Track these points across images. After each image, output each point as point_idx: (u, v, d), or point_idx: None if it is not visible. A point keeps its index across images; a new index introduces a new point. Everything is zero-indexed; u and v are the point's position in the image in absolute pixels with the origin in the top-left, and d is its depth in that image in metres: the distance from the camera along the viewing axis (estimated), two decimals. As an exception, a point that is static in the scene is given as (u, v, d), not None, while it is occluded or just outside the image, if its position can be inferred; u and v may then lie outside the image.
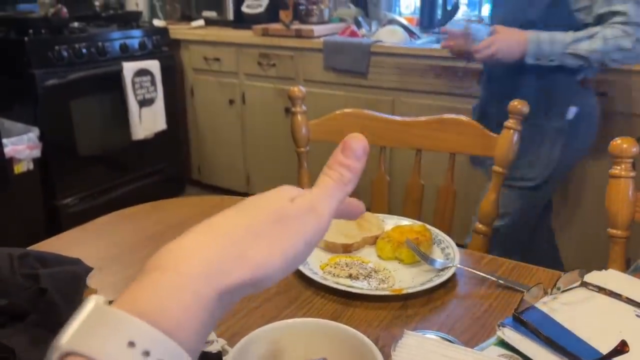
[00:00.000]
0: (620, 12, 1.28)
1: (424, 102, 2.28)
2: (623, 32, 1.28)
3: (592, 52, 1.30)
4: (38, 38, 2.28)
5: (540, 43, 1.30)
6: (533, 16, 1.37)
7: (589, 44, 1.29)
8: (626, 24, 1.28)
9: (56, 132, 2.38)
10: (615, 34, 1.28)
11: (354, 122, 1.33)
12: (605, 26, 1.30)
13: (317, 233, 0.32)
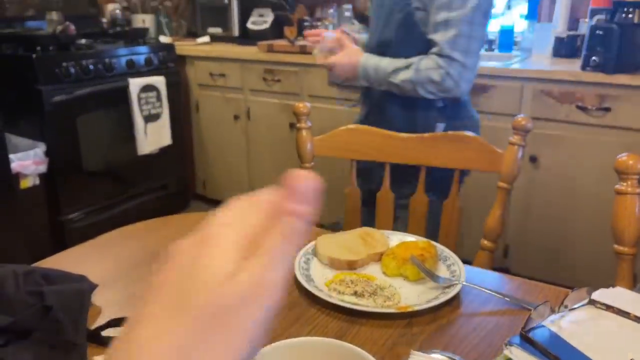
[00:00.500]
0: (435, 42, 1.29)
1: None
2: (435, 64, 1.28)
3: (404, 81, 1.32)
4: (46, 55, 2.30)
5: (367, 69, 1.37)
6: (389, 36, 1.39)
7: (403, 74, 1.32)
8: (439, 55, 1.28)
9: (62, 147, 2.40)
10: (428, 65, 1.29)
11: (358, 138, 1.33)
12: (424, 57, 1.30)
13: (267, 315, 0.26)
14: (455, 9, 1.25)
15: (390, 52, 1.38)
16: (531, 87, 2.04)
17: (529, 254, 2.22)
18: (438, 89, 1.31)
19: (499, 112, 2.12)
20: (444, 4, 1.25)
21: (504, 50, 2.51)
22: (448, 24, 1.26)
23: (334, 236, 0.93)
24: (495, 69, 2.10)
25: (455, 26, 1.25)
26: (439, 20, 1.27)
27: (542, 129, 2.04)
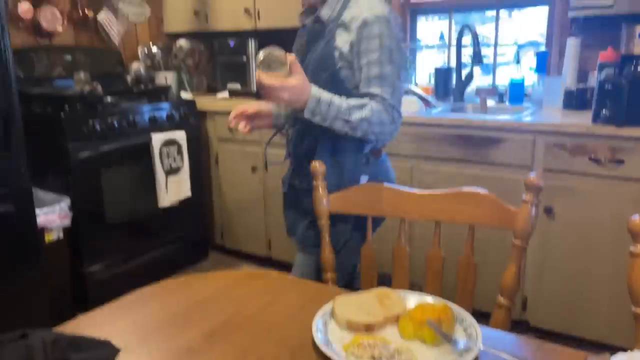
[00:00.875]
0: (377, 96, 1.32)
1: (441, 169, 2.32)
2: (384, 107, 1.32)
3: (362, 120, 1.31)
4: (74, 113, 2.42)
5: (320, 102, 1.29)
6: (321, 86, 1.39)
7: (360, 112, 1.31)
8: (382, 102, 1.32)
9: (86, 201, 2.48)
10: (379, 107, 1.32)
11: (374, 195, 1.36)
12: (372, 100, 1.33)
13: None
14: (386, 64, 1.31)
15: None
16: (543, 140, 2.07)
17: (548, 306, 2.19)
18: (383, 131, 1.35)
19: (511, 164, 2.15)
20: (375, 60, 1.31)
21: (514, 103, 2.57)
22: (383, 77, 1.31)
23: (351, 297, 0.95)
24: (507, 122, 2.15)
25: (389, 79, 1.32)
26: (372, 75, 1.32)
27: (556, 180, 2.06)
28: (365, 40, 1.30)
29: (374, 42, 1.30)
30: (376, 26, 1.30)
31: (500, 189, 2.16)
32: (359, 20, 1.30)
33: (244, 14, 3.12)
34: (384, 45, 1.30)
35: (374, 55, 1.30)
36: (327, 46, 1.35)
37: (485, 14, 2.96)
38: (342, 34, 1.33)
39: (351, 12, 1.33)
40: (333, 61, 1.34)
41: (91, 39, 3.22)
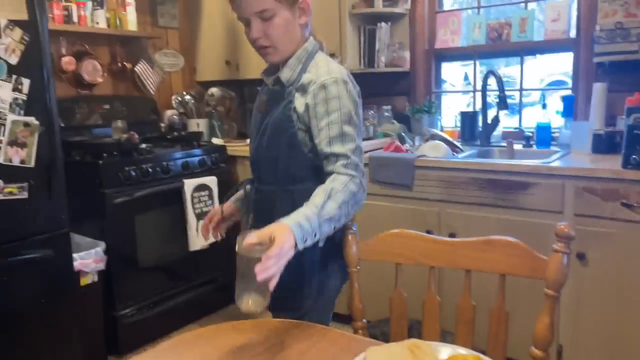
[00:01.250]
0: (341, 155, 1.27)
1: (469, 214, 2.32)
2: (347, 177, 1.26)
3: (340, 206, 1.22)
4: (110, 161, 2.52)
5: (301, 226, 1.13)
6: (276, 154, 1.37)
7: (332, 202, 1.21)
8: (346, 166, 1.26)
9: (120, 245, 2.55)
10: (343, 181, 1.25)
11: (403, 243, 1.38)
12: (331, 178, 1.26)
13: None
14: (345, 124, 1.28)
15: (280, 166, 1.38)
16: (573, 184, 2.06)
17: (584, 354, 2.12)
18: (361, 198, 1.30)
19: (541, 209, 2.13)
20: (335, 120, 1.28)
21: (541, 146, 2.57)
22: (344, 135, 1.28)
23: (383, 347, 0.96)
24: (535, 166, 2.14)
25: (351, 137, 1.29)
26: (333, 134, 1.28)
27: (588, 225, 2.04)
28: (323, 102, 1.29)
29: (332, 104, 1.28)
30: (334, 88, 1.29)
31: (530, 233, 2.14)
32: (317, 83, 1.30)
33: (273, 63, 3.23)
34: (343, 106, 1.28)
35: (334, 116, 1.28)
36: (286, 109, 1.34)
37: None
38: (299, 97, 1.33)
39: (310, 75, 1.33)
40: (291, 124, 1.33)
41: (128, 89, 3.38)
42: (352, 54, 2.99)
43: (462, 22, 2.97)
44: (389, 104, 3.19)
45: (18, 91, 2.07)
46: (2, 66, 2.02)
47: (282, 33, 1.31)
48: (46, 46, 2.14)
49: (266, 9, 1.28)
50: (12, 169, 2.06)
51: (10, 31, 2.03)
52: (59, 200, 2.20)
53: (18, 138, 2.07)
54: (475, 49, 2.93)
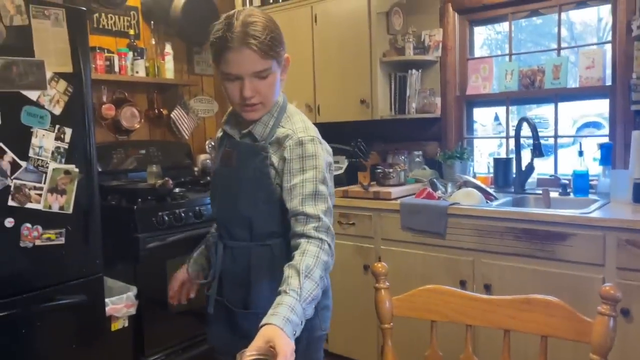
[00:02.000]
0: (313, 216, 1.22)
1: (505, 264, 2.25)
2: (319, 241, 1.20)
3: (317, 286, 1.15)
4: (145, 206, 2.57)
5: (290, 320, 1.08)
6: (248, 214, 1.33)
7: (310, 282, 1.14)
8: (318, 229, 1.21)
9: (151, 290, 2.56)
10: (315, 253, 1.18)
11: (438, 299, 1.34)
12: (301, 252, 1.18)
13: None
14: (320, 184, 1.26)
15: (257, 224, 1.34)
16: (615, 236, 1.99)
17: (635, 420, 1.98)
18: (328, 268, 1.24)
19: (581, 261, 2.05)
20: (309, 179, 1.25)
21: (579, 195, 2.50)
22: (317, 195, 1.24)
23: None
24: (574, 216, 2.08)
25: (324, 197, 1.26)
26: (307, 192, 1.24)
27: (632, 280, 1.95)
28: (298, 159, 1.27)
29: (308, 162, 1.27)
30: (310, 146, 1.27)
31: (569, 286, 2.06)
32: (293, 138, 1.28)
33: (305, 109, 3.29)
34: (318, 165, 1.27)
35: (309, 174, 1.25)
36: (262, 164, 1.31)
37: (543, 106, 2.97)
38: (274, 152, 1.31)
39: (284, 130, 1.31)
40: (269, 180, 1.31)
41: (164, 134, 3.48)
42: (382, 101, 3.01)
43: (493, 69, 2.97)
44: (420, 149, 3.18)
45: (60, 140, 2.15)
46: (47, 116, 2.10)
47: (272, 91, 1.31)
48: (88, 97, 2.24)
49: (264, 69, 1.26)
50: (51, 215, 2.11)
51: (56, 83, 2.13)
52: (95, 245, 2.24)
53: (58, 185, 2.13)
54: (507, 95, 2.91)
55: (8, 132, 2.00)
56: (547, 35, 3.31)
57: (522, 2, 2.83)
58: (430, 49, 3.06)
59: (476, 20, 3.07)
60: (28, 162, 2.06)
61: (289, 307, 1.09)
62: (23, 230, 2.04)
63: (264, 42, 1.23)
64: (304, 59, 3.25)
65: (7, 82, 1.99)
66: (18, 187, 2.03)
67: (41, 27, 2.08)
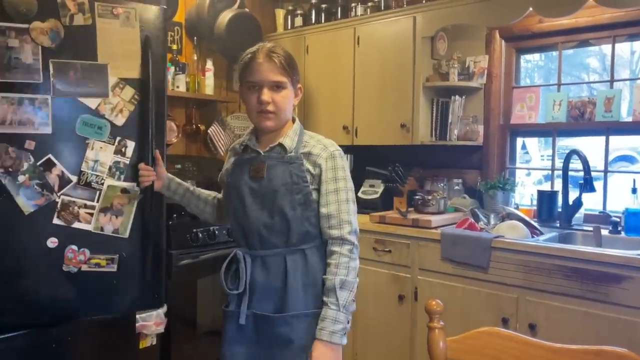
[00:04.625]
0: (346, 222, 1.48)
1: (552, 304, 2.14)
2: (350, 248, 1.48)
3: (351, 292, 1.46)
4: (180, 222, 2.54)
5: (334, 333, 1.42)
6: (287, 216, 1.48)
7: (345, 292, 1.44)
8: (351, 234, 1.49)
9: (181, 308, 2.51)
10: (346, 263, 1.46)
11: (497, 343, 1.25)
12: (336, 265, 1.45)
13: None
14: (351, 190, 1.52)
15: (294, 226, 1.49)
16: (676, 281, 1.87)
17: None
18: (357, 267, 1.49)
19: (637, 306, 1.93)
20: (342, 187, 1.49)
21: (631, 234, 2.38)
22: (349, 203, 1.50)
23: None
24: (630, 258, 1.96)
25: (354, 207, 1.52)
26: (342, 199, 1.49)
27: (695, 330, 1.82)
28: (332, 170, 1.49)
29: (339, 172, 1.50)
30: (340, 160, 1.51)
31: (624, 333, 1.94)
32: (326, 151, 1.51)
33: (342, 131, 3.25)
34: (347, 177, 1.51)
35: (341, 184, 1.49)
36: (298, 170, 1.49)
37: (591, 138, 2.87)
38: (308, 160, 1.51)
39: (312, 144, 1.53)
40: (306, 183, 1.49)
41: (199, 149, 3.47)
42: (423, 126, 2.95)
43: (540, 99, 2.89)
44: (460, 177, 3.09)
45: (121, 154, 1.94)
46: (106, 127, 1.91)
47: (285, 104, 1.51)
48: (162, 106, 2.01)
49: (281, 81, 1.49)
50: (102, 238, 1.91)
51: (120, 90, 1.93)
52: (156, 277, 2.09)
53: (114, 205, 1.92)
54: (554, 126, 2.82)
55: (60, 143, 1.84)
56: (578, 66, 3.24)
57: (574, 32, 2.75)
58: (475, 75, 2.99)
59: (523, 48, 3.00)
60: (80, 177, 1.88)
61: (334, 319, 1.42)
62: (67, 253, 1.86)
63: (283, 60, 1.48)
64: (344, 81, 3.22)
65: (63, 88, 1.83)
66: (66, 203, 1.85)
67: (108, 27, 1.88)
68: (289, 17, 3.64)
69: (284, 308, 1.47)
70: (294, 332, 1.47)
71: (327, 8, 3.48)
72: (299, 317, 1.47)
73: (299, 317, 1.47)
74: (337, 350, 1.44)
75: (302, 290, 1.48)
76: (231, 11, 3.25)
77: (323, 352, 1.41)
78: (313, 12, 3.53)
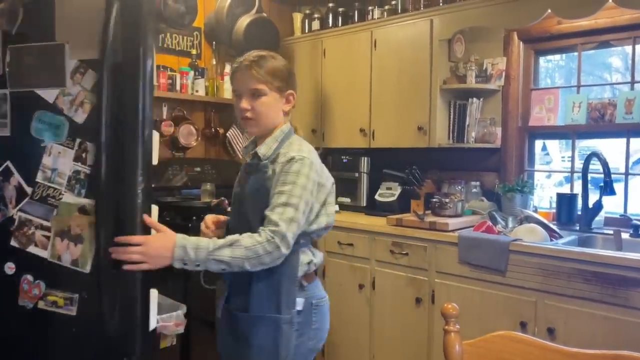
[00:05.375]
0: (272, 221, 1.42)
1: (571, 307, 2.12)
2: (267, 240, 1.40)
3: (234, 258, 1.39)
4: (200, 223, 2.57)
5: (186, 248, 1.38)
6: (251, 218, 1.51)
7: (229, 250, 1.39)
8: (275, 233, 1.41)
9: (200, 308, 2.54)
10: (256, 241, 1.40)
11: (513, 347, 1.25)
12: (249, 235, 1.42)
13: None
14: (295, 197, 1.44)
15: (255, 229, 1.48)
16: (698, 286, 1.84)
17: None
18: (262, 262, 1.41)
19: (660, 311, 1.91)
20: (286, 191, 1.45)
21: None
22: (287, 206, 1.44)
23: None
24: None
25: (292, 209, 1.43)
26: (279, 202, 1.44)
27: None
28: (284, 173, 1.47)
29: (290, 177, 1.46)
30: (297, 165, 1.47)
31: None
32: (286, 157, 1.50)
33: (359, 133, 3.26)
34: (298, 182, 1.46)
35: (286, 187, 1.45)
36: (263, 180, 1.52)
37: (612, 140, 2.83)
38: (271, 168, 1.52)
39: (283, 151, 1.54)
40: (268, 191, 1.50)
41: (218, 152, 3.51)
42: (440, 128, 2.95)
43: (559, 101, 2.86)
44: (477, 179, 3.08)
45: (81, 161, 1.43)
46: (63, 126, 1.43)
47: (265, 111, 1.55)
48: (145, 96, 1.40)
49: (258, 89, 1.53)
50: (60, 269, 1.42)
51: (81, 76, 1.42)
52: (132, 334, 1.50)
53: (71, 228, 1.41)
54: (574, 128, 2.79)
55: (19, 148, 1.46)
56: (600, 66, 3.18)
57: (593, 33, 2.72)
58: (493, 77, 2.98)
59: (542, 50, 2.97)
60: (35, 189, 1.43)
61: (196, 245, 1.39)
62: (23, 283, 1.44)
63: (261, 69, 1.53)
64: (361, 84, 3.23)
65: (18, 79, 1.44)
66: (22, 222, 1.44)
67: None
68: (306, 21, 3.67)
69: (247, 306, 1.53)
70: (253, 333, 1.52)
71: (344, 12, 3.49)
72: (261, 319, 1.51)
73: (261, 318, 1.51)
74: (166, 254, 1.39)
75: (265, 292, 1.51)
76: (249, 16, 3.29)
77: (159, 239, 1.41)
78: (330, 15, 3.55)
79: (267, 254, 1.41)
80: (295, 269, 1.53)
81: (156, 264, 1.42)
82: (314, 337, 1.60)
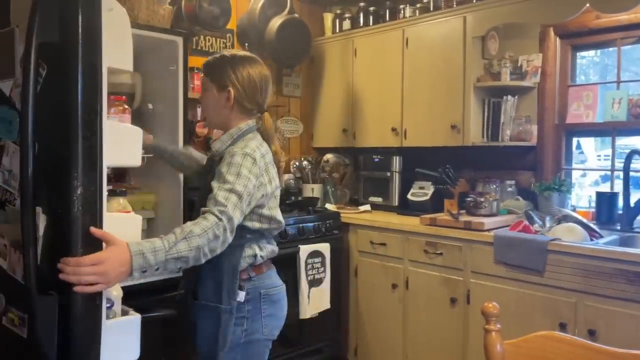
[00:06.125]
0: (221, 203, 1.41)
1: (613, 309, 2.07)
2: (212, 224, 1.37)
3: (191, 250, 1.33)
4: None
5: (145, 254, 1.28)
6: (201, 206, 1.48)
7: (185, 243, 1.33)
8: (222, 213, 1.39)
9: (235, 307, 2.58)
10: (206, 227, 1.36)
11: (556, 347, 1.23)
12: (194, 223, 1.37)
13: None
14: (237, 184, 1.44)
15: None
16: None
17: None
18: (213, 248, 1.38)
19: None
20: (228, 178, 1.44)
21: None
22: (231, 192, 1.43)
23: None
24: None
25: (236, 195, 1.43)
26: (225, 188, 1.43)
27: None
28: (226, 166, 1.48)
29: (232, 169, 1.46)
30: (239, 158, 1.48)
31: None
32: (230, 152, 1.51)
33: (391, 132, 3.25)
34: (240, 173, 1.46)
35: (230, 177, 1.45)
36: (212, 174, 1.54)
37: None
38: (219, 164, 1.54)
39: (232, 148, 1.53)
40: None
41: (250, 153, 3.54)
42: (475, 127, 2.91)
43: (598, 97, 2.79)
44: (513, 178, 3.03)
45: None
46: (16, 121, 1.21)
47: (207, 106, 1.64)
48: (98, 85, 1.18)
49: (202, 84, 1.62)
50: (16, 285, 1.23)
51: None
52: None
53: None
54: (614, 125, 2.72)
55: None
56: (637, 61, 3.08)
57: (633, 28, 2.64)
58: (528, 74, 2.93)
59: (579, 45, 2.91)
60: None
61: (153, 248, 1.29)
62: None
63: (207, 65, 1.62)
64: (392, 83, 3.22)
65: None
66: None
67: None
68: (337, 20, 3.67)
69: (196, 294, 1.59)
70: (199, 319, 1.58)
71: (375, 11, 3.49)
72: (205, 307, 1.56)
73: (205, 307, 1.56)
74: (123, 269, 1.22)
75: (210, 285, 1.56)
76: (281, 17, 3.31)
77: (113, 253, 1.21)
78: (361, 15, 3.55)
79: (215, 239, 1.37)
80: (237, 262, 1.55)
81: (114, 282, 1.24)
82: (267, 325, 1.62)
